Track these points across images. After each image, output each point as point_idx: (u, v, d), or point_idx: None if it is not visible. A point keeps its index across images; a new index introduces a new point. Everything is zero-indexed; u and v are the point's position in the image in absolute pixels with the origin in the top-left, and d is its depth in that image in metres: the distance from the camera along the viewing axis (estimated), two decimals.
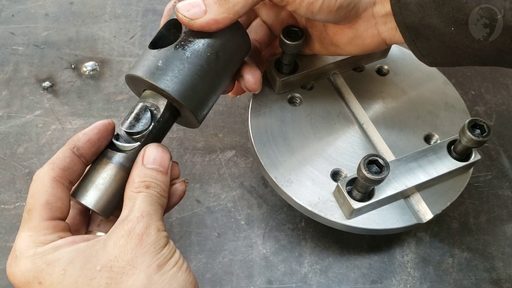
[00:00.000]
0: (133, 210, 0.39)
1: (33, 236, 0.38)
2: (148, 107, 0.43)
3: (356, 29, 0.47)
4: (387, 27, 0.46)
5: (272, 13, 0.53)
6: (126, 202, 0.40)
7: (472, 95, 0.71)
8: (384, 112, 0.56)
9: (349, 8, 0.44)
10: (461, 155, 0.50)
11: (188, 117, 0.46)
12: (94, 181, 0.42)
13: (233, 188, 0.61)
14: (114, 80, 0.70)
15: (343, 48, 0.50)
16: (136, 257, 0.37)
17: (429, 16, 0.41)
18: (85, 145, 0.42)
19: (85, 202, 0.41)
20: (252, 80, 0.50)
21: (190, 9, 0.42)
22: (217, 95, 0.47)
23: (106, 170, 0.42)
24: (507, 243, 0.59)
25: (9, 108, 0.66)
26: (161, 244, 0.38)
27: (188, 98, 0.43)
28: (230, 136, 0.65)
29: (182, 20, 0.42)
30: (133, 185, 0.40)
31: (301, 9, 0.43)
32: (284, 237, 0.58)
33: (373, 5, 0.45)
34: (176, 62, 0.43)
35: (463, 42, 0.41)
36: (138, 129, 0.43)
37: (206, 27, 0.42)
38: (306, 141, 0.54)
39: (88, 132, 0.42)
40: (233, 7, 0.42)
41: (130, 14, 0.77)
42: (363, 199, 0.47)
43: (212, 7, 0.42)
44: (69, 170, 0.41)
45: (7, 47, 0.72)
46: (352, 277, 0.55)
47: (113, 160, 0.42)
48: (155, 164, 0.41)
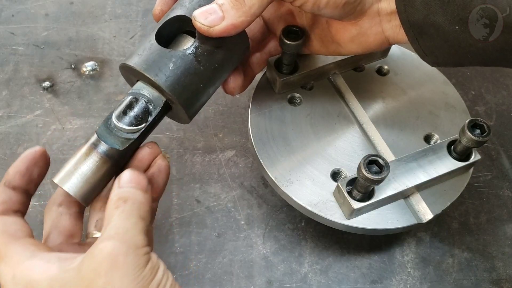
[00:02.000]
0: (107, 228, 0.35)
1: (10, 262, 0.36)
2: (146, 102, 0.43)
3: (361, 26, 0.46)
4: (391, 25, 0.45)
5: (272, 8, 0.52)
6: (104, 222, 0.37)
7: (472, 95, 0.71)
8: (384, 112, 0.56)
9: (355, 4, 0.44)
10: (461, 155, 0.50)
11: (179, 112, 0.46)
12: (79, 169, 0.42)
13: (233, 188, 0.61)
14: (114, 80, 0.70)
15: (344, 47, 0.49)
16: (111, 282, 0.32)
17: (434, 14, 0.41)
18: (15, 178, 0.41)
19: (66, 188, 0.41)
20: (232, 84, 0.50)
21: (207, 16, 0.41)
22: (212, 93, 0.47)
23: (93, 159, 0.42)
24: (507, 243, 0.59)
25: (9, 108, 0.66)
26: (141, 264, 0.34)
27: (186, 100, 0.44)
28: (230, 136, 0.65)
29: (200, 28, 0.42)
30: (111, 203, 0.37)
31: (308, 4, 0.43)
32: (284, 237, 0.58)
33: (378, 2, 0.45)
34: (179, 62, 0.43)
35: (466, 41, 0.41)
36: (133, 123, 0.42)
37: (225, 33, 0.42)
38: (306, 141, 0.54)
39: (16, 164, 0.41)
40: (250, 10, 0.41)
41: (130, 14, 0.77)
42: (363, 199, 0.47)
43: (229, 12, 0.41)
44: (8, 203, 0.40)
45: (7, 47, 0.72)
46: (352, 277, 0.55)
47: (100, 149, 0.42)
48: (132, 183, 0.39)
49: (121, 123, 0.42)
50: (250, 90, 0.68)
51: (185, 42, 0.45)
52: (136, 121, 0.42)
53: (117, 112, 0.42)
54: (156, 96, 0.43)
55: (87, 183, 0.42)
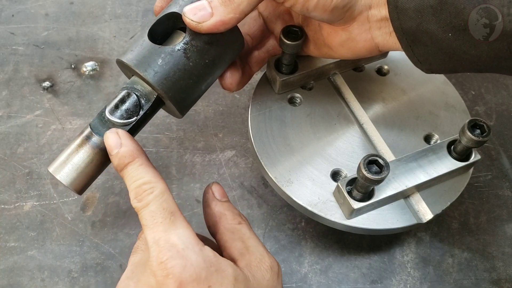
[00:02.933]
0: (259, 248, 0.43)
1: (193, 234, 0.38)
2: (138, 96, 0.44)
3: (350, 31, 0.47)
4: (381, 32, 0.46)
5: (271, 6, 0.53)
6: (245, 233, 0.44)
7: (472, 95, 0.71)
8: (384, 112, 0.56)
9: (344, 9, 0.44)
10: (461, 155, 0.50)
11: (172, 107, 0.47)
12: (72, 159, 0.44)
13: (233, 188, 0.61)
14: (114, 80, 0.70)
15: (335, 51, 0.50)
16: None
17: (427, 22, 0.41)
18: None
19: (59, 177, 0.43)
20: (229, 79, 0.51)
21: (196, 12, 0.42)
22: (204, 90, 0.48)
23: (85, 151, 0.44)
24: (507, 243, 0.59)
25: (9, 108, 0.66)
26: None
27: (175, 95, 0.44)
28: (230, 136, 0.65)
29: (189, 24, 0.43)
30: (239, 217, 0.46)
31: (297, 6, 0.43)
32: (284, 237, 0.58)
33: (368, 9, 0.45)
34: (168, 57, 0.44)
35: (460, 48, 0.41)
36: (124, 117, 0.44)
37: (214, 29, 0.43)
38: (306, 141, 0.54)
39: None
40: (238, 7, 0.42)
41: (130, 14, 0.77)
42: (363, 199, 0.47)
43: (218, 9, 0.42)
44: None
45: (7, 47, 0.72)
46: (352, 277, 0.55)
47: (92, 141, 0.44)
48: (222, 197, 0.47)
49: (113, 117, 0.44)
50: (250, 90, 0.68)
51: (178, 38, 0.46)
52: (127, 115, 0.44)
53: (110, 106, 0.44)
54: (148, 91, 0.45)
55: (80, 173, 0.44)
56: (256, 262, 0.41)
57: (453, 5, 0.39)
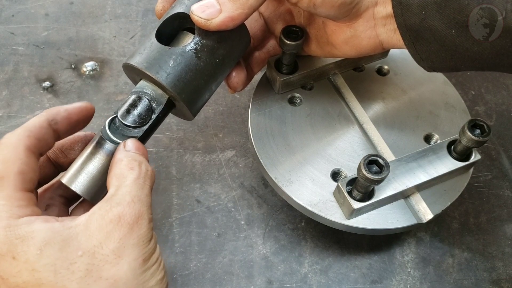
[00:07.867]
0: (122, 191, 0.36)
1: (6, 206, 0.35)
2: (149, 100, 0.43)
3: (355, 28, 0.47)
4: (386, 29, 0.46)
5: (272, 6, 0.53)
6: (112, 181, 0.37)
7: (472, 95, 0.71)
8: (384, 112, 0.56)
9: (351, 5, 0.44)
10: (461, 155, 0.50)
11: (183, 109, 0.46)
12: (85, 168, 0.42)
13: (233, 188, 0.61)
14: (114, 80, 0.70)
15: (338, 49, 0.50)
16: (123, 247, 0.34)
17: (431, 18, 0.41)
18: (63, 121, 0.40)
19: (74, 187, 0.41)
20: (235, 79, 0.50)
21: (205, 10, 0.42)
22: (214, 90, 0.48)
23: (99, 158, 0.42)
24: (507, 243, 0.59)
25: (9, 108, 0.66)
26: (149, 237, 0.36)
27: (188, 96, 0.44)
28: (230, 136, 0.65)
29: (198, 22, 0.42)
30: (122, 163, 0.38)
31: (303, 2, 0.43)
32: (284, 237, 0.58)
33: (374, 6, 0.45)
34: (179, 58, 0.43)
35: (463, 45, 0.41)
36: (137, 122, 0.43)
37: (223, 26, 0.42)
38: (306, 141, 0.54)
39: (70, 109, 0.40)
40: (247, 2, 0.42)
41: (130, 14, 0.77)
42: (363, 199, 0.47)
43: (226, 5, 0.42)
44: (43, 142, 0.38)
45: (7, 47, 0.72)
46: (352, 277, 0.55)
47: (105, 148, 0.42)
48: (139, 151, 0.40)
49: (125, 122, 0.43)
50: (250, 90, 0.68)
51: (186, 39, 0.45)
52: (140, 119, 0.43)
53: (121, 111, 0.43)
54: (159, 94, 0.44)
55: (94, 181, 0.42)
56: (102, 211, 0.35)
57: (457, 1, 0.39)
